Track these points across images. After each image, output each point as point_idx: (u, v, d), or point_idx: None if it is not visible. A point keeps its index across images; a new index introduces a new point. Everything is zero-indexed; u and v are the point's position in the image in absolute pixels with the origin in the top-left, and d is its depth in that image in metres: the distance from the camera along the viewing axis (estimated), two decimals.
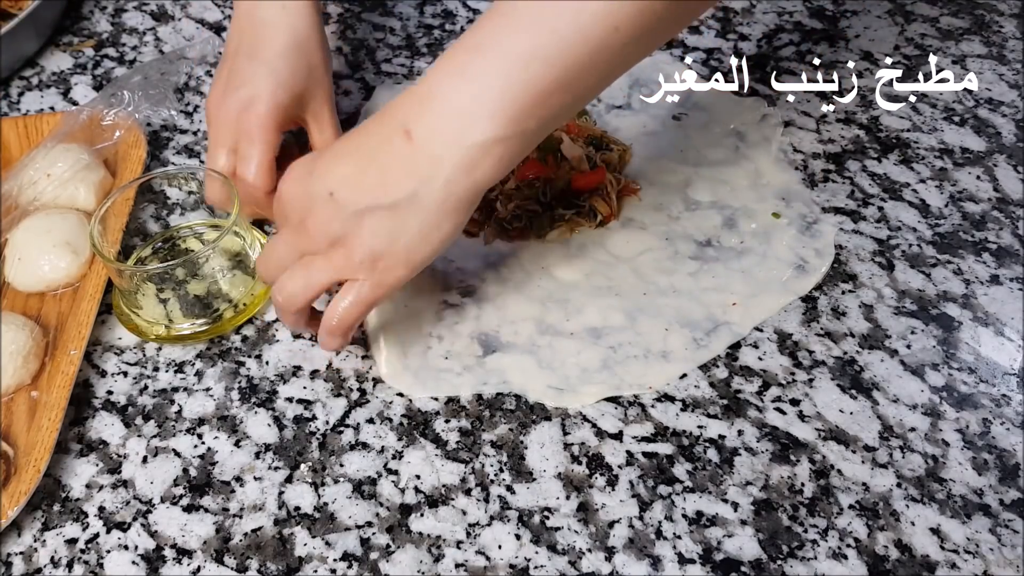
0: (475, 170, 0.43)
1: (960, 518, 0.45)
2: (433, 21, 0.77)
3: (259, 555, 0.44)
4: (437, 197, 0.44)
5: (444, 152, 0.43)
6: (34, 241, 0.55)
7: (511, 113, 0.42)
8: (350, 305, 0.46)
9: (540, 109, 0.42)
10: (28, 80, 0.73)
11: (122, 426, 0.50)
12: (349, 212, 0.44)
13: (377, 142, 0.45)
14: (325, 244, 0.45)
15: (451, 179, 0.43)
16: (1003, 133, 0.66)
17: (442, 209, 0.44)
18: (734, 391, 0.51)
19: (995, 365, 0.52)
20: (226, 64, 0.58)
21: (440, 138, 0.43)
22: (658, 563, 0.44)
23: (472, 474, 0.47)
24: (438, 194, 0.43)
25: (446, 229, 0.45)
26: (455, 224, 0.45)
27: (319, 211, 0.45)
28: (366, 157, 0.45)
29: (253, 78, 0.56)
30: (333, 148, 0.47)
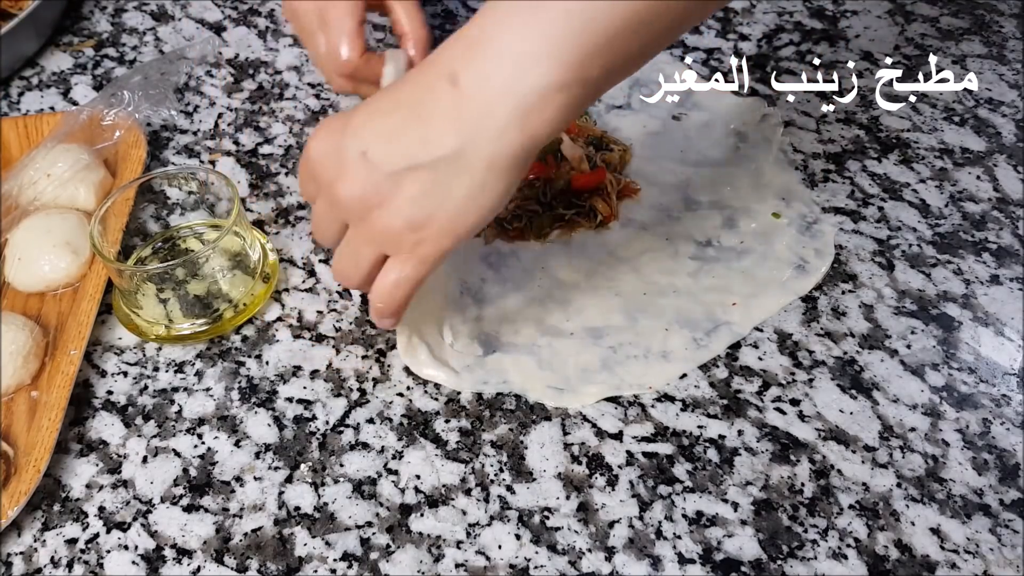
0: (531, 121, 0.38)
1: (960, 518, 0.45)
2: (433, 21, 0.77)
3: (259, 555, 0.44)
4: (486, 153, 0.39)
5: (496, 100, 0.38)
6: (34, 241, 0.55)
7: (574, 56, 0.37)
8: (393, 285, 0.42)
9: (605, 54, 0.38)
10: (28, 80, 0.73)
11: (122, 426, 0.50)
12: (384, 174, 0.39)
13: (419, 92, 0.40)
14: (361, 212, 0.41)
15: (503, 132, 0.38)
16: (1003, 133, 0.66)
17: (491, 167, 0.39)
18: (734, 391, 0.51)
19: (995, 365, 0.52)
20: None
21: (492, 84, 0.38)
22: (658, 563, 0.44)
23: (472, 474, 0.47)
24: (487, 149, 0.38)
25: (496, 192, 0.40)
26: (506, 186, 0.40)
27: (350, 173, 0.40)
28: (406, 109, 0.40)
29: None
30: (370, 101, 0.42)
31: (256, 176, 0.64)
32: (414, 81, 0.40)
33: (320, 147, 0.42)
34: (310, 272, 0.57)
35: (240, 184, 0.63)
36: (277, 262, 0.57)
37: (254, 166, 0.64)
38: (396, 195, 0.40)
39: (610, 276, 0.56)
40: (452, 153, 0.39)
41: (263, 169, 0.64)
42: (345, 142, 0.40)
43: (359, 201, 0.40)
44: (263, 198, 0.62)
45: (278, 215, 0.61)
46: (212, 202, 0.58)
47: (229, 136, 0.67)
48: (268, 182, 0.63)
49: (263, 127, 0.67)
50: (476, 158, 0.39)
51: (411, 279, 0.42)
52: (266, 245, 0.57)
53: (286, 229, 0.60)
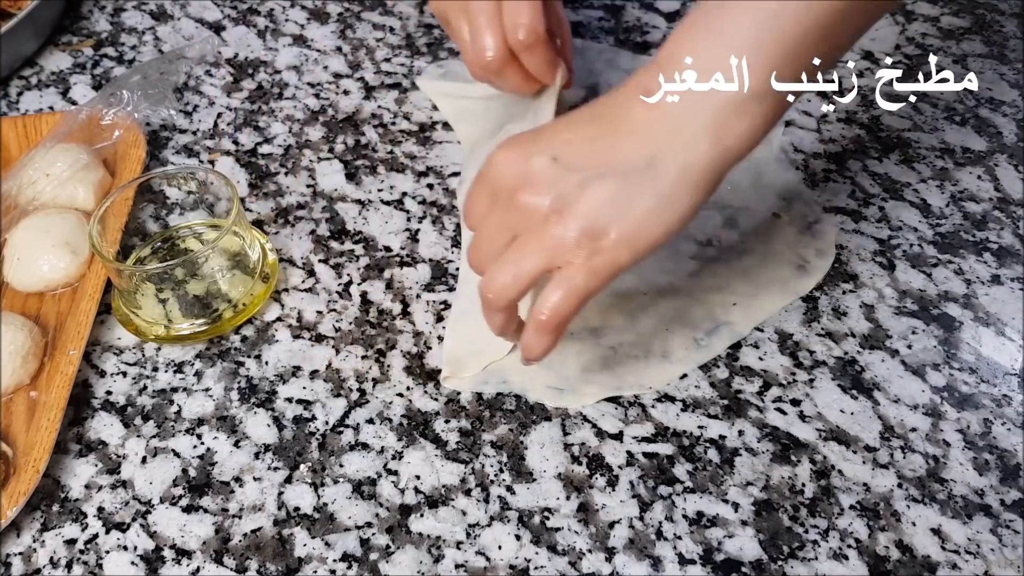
0: (725, 135, 0.39)
1: (961, 518, 0.45)
2: (433, 21, 0.76)
3: (259, 556, 0.44)
4: (677, 165, 0.38)
5: (689, 113, 0.38)
6: (33, 241, 0.55)
7: (764, 67, 0.38)
8: (562, 298, 0.40)
9: (794, 63, 0.39)
10: (27, 80, 0.73)
11: (121, 426, 0.50)
12: (572, 178, 0.39)
13: (614, 107, 0.40)
14: (539, 218, 0.39)
15: (696, 143, 0.38)
16: (1004, 133, 0.66)
17: (681, 180, 0.39)
18: (734, 391, 0.50)
19: (996, 365, 0.52)
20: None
21: (685, 99, 0.39)
22: (658, 564, 0.44)
23: (472, 474, 0.47)
24: (679, 162, 0.38)
25: (681, 207, 0.39)
26: (693, 203, 0.39)
27: (536, 178, 0.39)
28: (600, 122, 0.40)
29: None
30: (561, 118, 0.42)
31: (255, 176, 0.64)
32: (609, 98, 0.41)
33: (506, 158, 0.41)
34: (310, 272, 0.57)
35: (239, 184, 0.63)
36: (276, 262, 0.57)
37: (253, 166, 0.64)
38: (580, 201, 0.39)
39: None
40: (643, 163, 0.38)
41: (262, 169, 0.64)
42: (534, 150, 0.40)
43: (540, 207, 0.39)
44: (262, 198, 0.62)
45: (278, 215, 0.61)
46: (211, 202, 0.58)
47: (228, 136, 0.67)
48: (267, 182, 0.63)
49: (262, 127, 0.67)
50: (667, 169, 0.38)
51: (581, 291, 0.40)
52: (265, 245, 0.57)
53: (286, 229, 0.60)
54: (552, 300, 0.40)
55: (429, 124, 0.67)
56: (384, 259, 0.58)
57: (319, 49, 0.74)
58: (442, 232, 0.59)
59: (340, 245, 0.59)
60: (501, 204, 0.41)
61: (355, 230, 0.60)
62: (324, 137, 0.66)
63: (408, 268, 0.57)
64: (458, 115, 0.67)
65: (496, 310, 0.42)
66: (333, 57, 0.73)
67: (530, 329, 0.42)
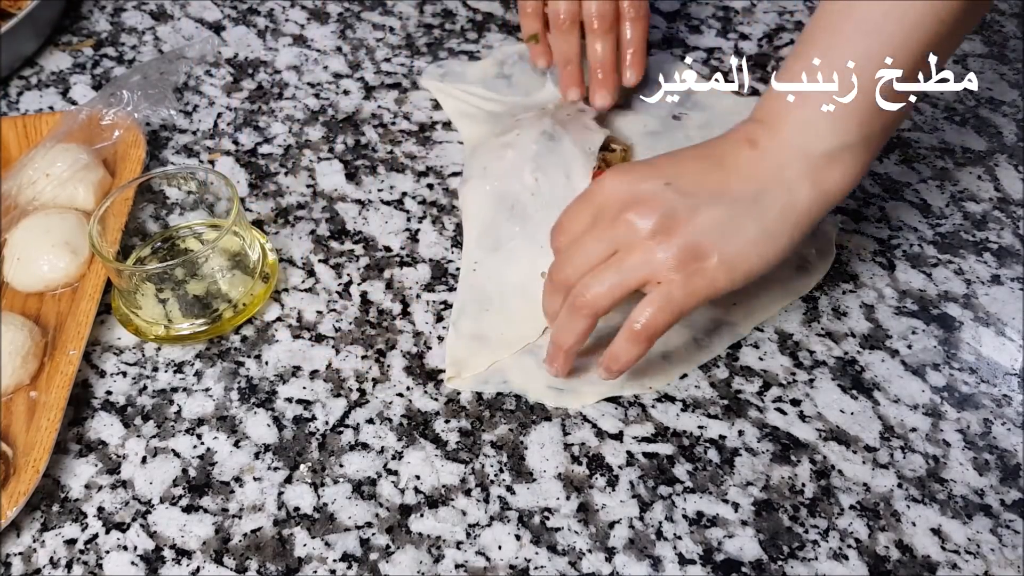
0: (822, 180, 0.43)
1: (961, 518, 0.45)
2: (433, 21, 0.76)
3: (259, 556, 0.44)
4: (781, 203, 0.43)
5: (790, 162, 0.43)
6: (33, 241, 0.55)
7: (855, 119, 0.43)
8: (658, 311, 0.43)
9: (881, 116, 0.43)
10: (27, 80, 0.73)
11: (121, 426, 0.50)
12: (684, 201, 0.42)
13: (721, 151, 0.44)
14: (645, 235, 0.42)
15: (796, 186, 0.43)
16: (1004, 133, 0.66)
17: (783, 217, 0.43)
18: (734, 391, 0.50)
19: (996, 365, 0.52)
20: None
21: (786, 149, 0.43)
22: (658, 564, 0.44)
23: (472, 474, 0.47)
24: (781, 200, 0.43)
25: (782, 243, 0.43)
26: (792, 241, 0.43)
27: (648, 199, 0.43)
28: (708, 161, 0.44)
29: None
30: (668, 154, 0.46)
31: (255, 176, 0.64)
32: (716, 144, 0.45)
33: (617, 180, 0.45)
34: (309, 272, 0.57)
35: (239, 184, 0.63)
36: (276, 262, 0.57)
37: (253, 166, 0.64)
38: (690, 221, 0.42)
39: None
40: (751, 196, 0.42)
41: (262, 169, 0.64)
42: (647, 176, 0.44)
43: (648, 225, 0.42)
44: (262, 198, 0.62)
45: (277, 215, 0.61)
46: (211, 202, 0.58)
47: (228, 136, 0.67)
48: (267, 182, 0.63)
49: (262, 127, 0.67)
50: (770, 206, 0.43)
51: (677, 307, 0.43)
52: (265, 245, 0.57)
53: (285, 229, 0.60)
54: (648, 312, 0.43)
55: (429, 124, 0.67)
56: (384, 259, 0.58)
57: (319, 49, 0.74)
58: (442, 232, 0.59)
59: (340, 245, 0.59)
60: (606, 221, 0.44)
61: (355, 230, 0.60)
62: (324, 137, 0.66)
63: (408, 268, 0.57)
64: (461, 115, 0.67)
65: (585, 317, 0.44)
66: (333, 57, 0.73)
67: (621, 339, 0.44)
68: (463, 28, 0.75)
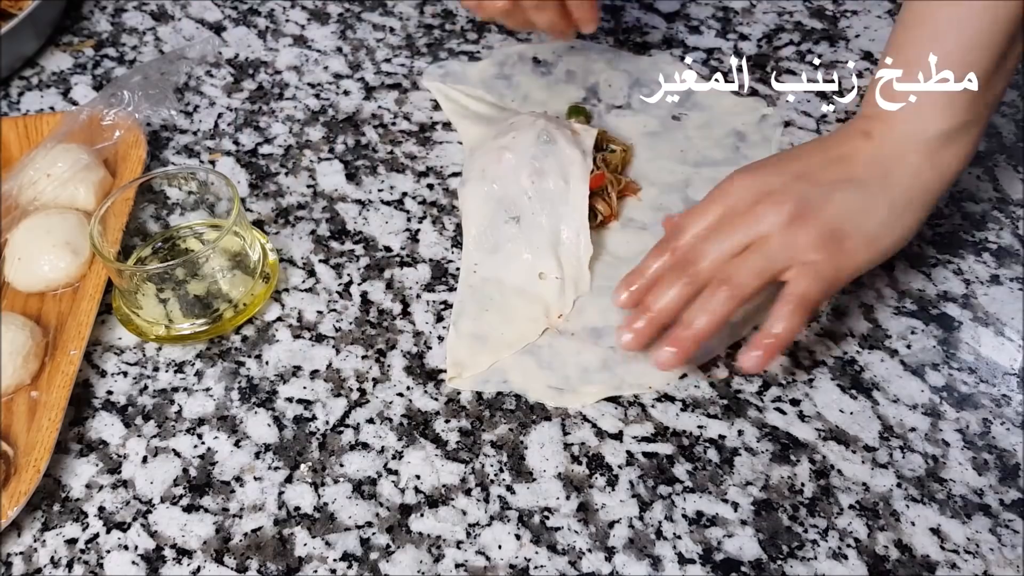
0: (940, 160, 0.46)
1: (960, 518, 0.45)
2: (433, 21, 0.77)
3: (259, 555, 0.44)
4: (905, 187, 0.45)
5: (906, 147, 0.46)
6: (34, 241, 0.55)
7: (961, 102, 0.45)
8: (812, 282, 0.44)
9: (985, 92, 0.46)
10: (28, 80, 0.73)
11: (122, 426, 0.50)
12: (816, 190, 0.44)
13: (839, 145, 0.47)
14: (783, 221, 0.45)
15: (918, 171, 0.45)
16: (1003, 133, 0.66)
17: (909, 196, 0.45)
18: (734, 391, 0.51)
19: (995, 365, 0.52)
20: None
21: (900, 136, 0.46)
22: (658, 563, 0.44)
23: (472, 474, 0.47)
24: (905, 184, 0.45)
25: (909, 223, 0.46)
26: (918, 219, 0.46)
27: (781, 190, 0.45)
28: (828, 153, 0.46)
29: None
30: (785, 151, 0.49)
31: (256, 176, 0.64)
32: (831, 140, 0.47)
33: (742, 179, 0.47)
34: (310, 272, 0.57)
35: (240, 184, 0.63)
36: (277, 262, 0.57)
37: (254, 166, 0.65)
38: (824, 207, 0.44)
39: (610, 276, 0.56)
40: (879, 177, 0.45)
41: (263, 169, 0.64)
42: (774, 171, 0.46)
43: (782, 213, 0.44)
44: (263, 198, 0.62)
45: (278, 215, 0.61)
46: (212, 202, 0.58)
47: (229, 136, 0.67)
48: (268, 182, 0.63)
49: (263, 127, 0.67)
50: (897, 190, 0.45)
51: (827, 282, 0.45)
52: (266, 245, 0.57)
53: (286, 229, 0.60)
54: (803, 284, 0.44)
55: (429, 124, 0.67)
56: (384, 259, 0.58)
57: (319, 49, 0.74)
58: (442, 232, 0.59)
59: (340, 245, 0.59)
60: (739, 215, 0.46)
61: (355, 230, 0.60)
62: (324, 137, 0.66)
63: (408, 268, 0.57)
64: (461, 116, 0.67)
65: (732, 300, 0.45)
66: (333, 57, 0.73)
67: (782, 310, 0.45)
68: (463, 28, 0.76)
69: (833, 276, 0.45)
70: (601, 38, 0.74)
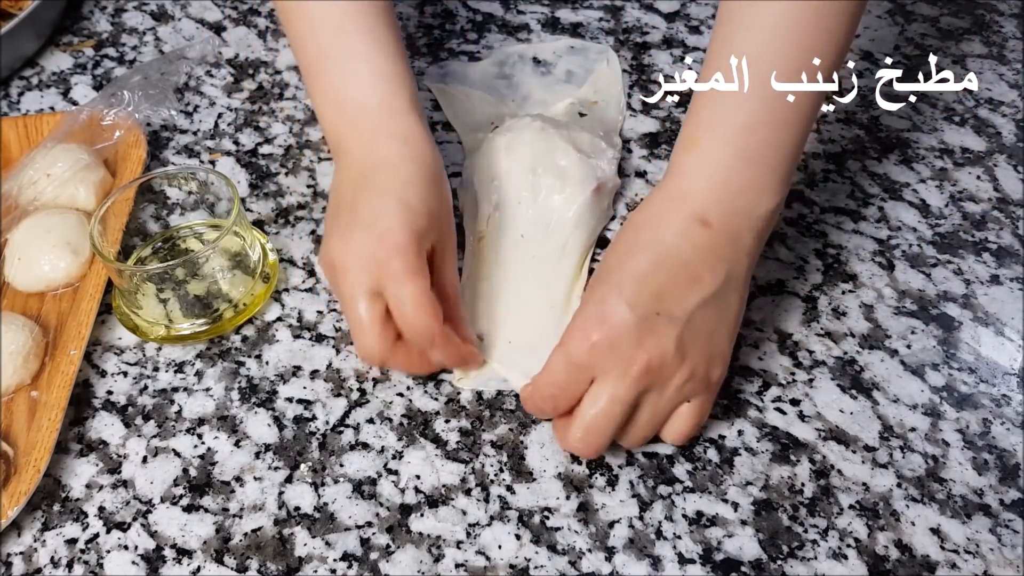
0: (765, 235, 0.46)
1: (960, 518, 0.45)
2: (433, 21, 0.77)
3: (259, 555, 0.44)
4: (742, 270, 0.45)
5: (743, 227, 0.44)
6: (34, 241, 0.55)
7: (783, 177, 0.45)
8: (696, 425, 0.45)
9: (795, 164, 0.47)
10: (28, 80, 0.73)
11: (122, 426, 0.50)
12: (682, 320, 0.42)
13: (674, 241, 0.44)
14: (668, 371, 0.43)
15: (752, 250, 0.45)
16: (1003, 133, 0.66)
17: (745, 282, 0.45)
18: (734, 391, 0.51)
19: (995, 365, 0.52)
20: (342, 209, 0.49)
21: (737, 216, 0.44)
22: (658, 563, 0.44)
23: (472, 474, 0.47)
24: (742, 266, 0.45)
25: (744, 302, 0.46)
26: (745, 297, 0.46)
27: (651, 339, 0.42)
28: (668, 261, 0.44)
29: (383, 211, 0.46)
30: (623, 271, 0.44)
31: (256, 176, 0.64)
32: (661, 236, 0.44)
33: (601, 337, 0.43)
34: (310, 272, 0.57)
35: (240, 184, 0.63)
36: (277, 262, 0.57)
37: (254, 166, 0.65)
38: (698, 338, 0.43)
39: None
40: (724, 280, 0.44)
41: (263, 169, 0.64)
42: (627, 314, 0.42)
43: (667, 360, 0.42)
44: (263, 198, 0.62)
45: (278, 215, 0.61)
46: (212, 202, 0.58)
47: (229, 136, 0.67)
48: (268, 182, 0.63)
49: (263, 127, 0.67)
50: (738, 278, 0.45)
51: (707, 410, 0.46)
52: (266, 245, 0.57)
53: (286, 229, 0.60)
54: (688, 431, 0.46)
55: (429, 124, 0.67)
56: None
57: None
58: None
59: None
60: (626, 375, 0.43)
61: None
62: (324, 137, 0.66)
63: None
64: (461, 116, 0.67)
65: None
66: None
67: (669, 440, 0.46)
68: (463, 28, 0.76)
69: (710, 402, 0.46)
70: (601, 38, 0.74)
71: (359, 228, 0.46)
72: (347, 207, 0.48)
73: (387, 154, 0.49)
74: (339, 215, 0.49)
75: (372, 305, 0.46)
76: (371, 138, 0.50)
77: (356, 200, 0.48)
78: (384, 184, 0.48)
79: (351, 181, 0.50)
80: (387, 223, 0.46)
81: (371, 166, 0.49)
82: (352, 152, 0.51)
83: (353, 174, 0.50)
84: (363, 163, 0.50)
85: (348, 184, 0.50)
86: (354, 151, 0.51)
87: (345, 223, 0.48)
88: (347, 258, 0.46)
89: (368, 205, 0.47)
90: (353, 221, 0.47)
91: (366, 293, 0.46)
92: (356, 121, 0.51)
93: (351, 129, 0.51)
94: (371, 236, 0.46)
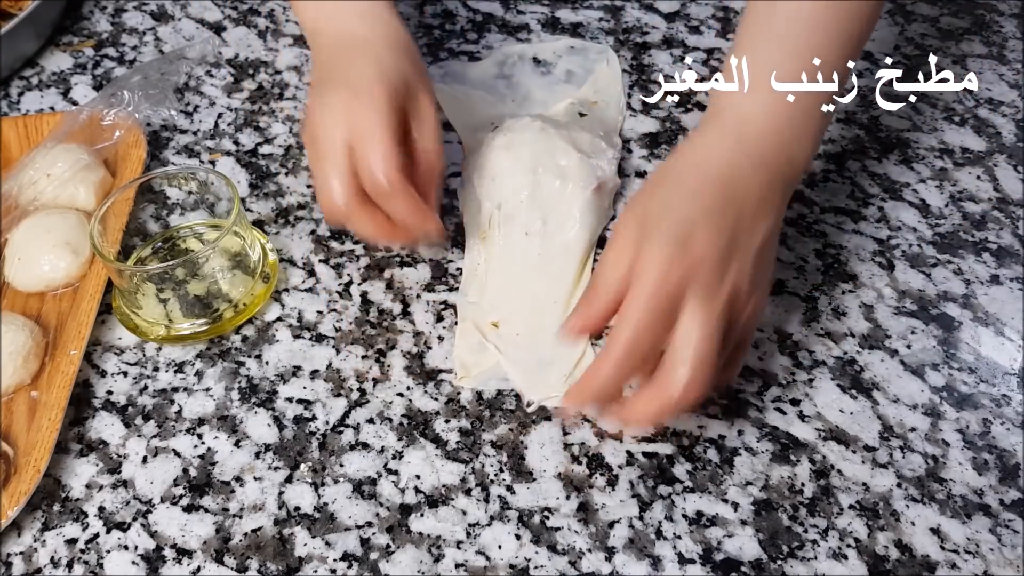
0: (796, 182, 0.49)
1: (960, 518, 0.45)
2: (433, 21, 0.77)
3: (259, 555, 0.44)
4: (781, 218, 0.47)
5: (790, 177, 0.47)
6: (34, 241, 0.55)
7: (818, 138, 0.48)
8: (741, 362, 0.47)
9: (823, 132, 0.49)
10: (28, 80, 0.73)
11: (122, 426, 0.50)
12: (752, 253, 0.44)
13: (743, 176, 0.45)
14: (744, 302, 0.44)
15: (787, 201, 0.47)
16: (1003, 133, 0.66)
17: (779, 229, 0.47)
18: (734, 391, 0.51)
19: (995, 365, 0.52)
20: (320, 84, 0.52)
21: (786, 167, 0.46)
22: (658, 563, 0.44)
23: (472, 474, 0.47)
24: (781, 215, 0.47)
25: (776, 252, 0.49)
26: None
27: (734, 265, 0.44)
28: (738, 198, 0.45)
29: (359, 73, 0.49)
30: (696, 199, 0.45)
31: (256, 176, 0.64)
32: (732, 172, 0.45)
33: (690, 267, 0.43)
34: (310, 272, 0.57)
35: (240, 184, 0.63)
36: (277, 262, 0.57)
37: (254, 166, 0.65)
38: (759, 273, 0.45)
39: None
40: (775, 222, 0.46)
41: (263, 169, 0.64)
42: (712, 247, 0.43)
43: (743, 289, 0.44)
44: (263, 198, 0.62)
45: (278, 215, 0.61)
46: (212, 202, 0.58)
47: (229, 136, 0.67)
48: (268, 182, 0.63)
49: (263, 127, 0.67)
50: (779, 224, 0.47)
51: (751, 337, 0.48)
52: (266, 245, 0.57)
53: (286, 229, 0.60)
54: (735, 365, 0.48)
55: None
56: (384, 259, 0.58)
57: None
58: None
59: (340, 245, 0.59)
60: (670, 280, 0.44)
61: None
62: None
63: (408, 268, 0.57)
64: (461, 116, 0.67)
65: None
66: None
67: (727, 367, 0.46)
68: (463, 28, 0.76)
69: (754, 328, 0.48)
70: (601, 38, 0.74)
71: (337, 89, 0.50)
72: (325, 81, 0.52)
73: (362, 32, 0.53)
74: (318, 89, 0.52)
75: (341, 158, 0.47)
76: (346, 20, 0.54)
77: (333, 73, 0.52)
78: (359, 54, 0.51)
79: (328, 60, 0.54)
80: (362, 81, 0.49)
81: (345, 45, 0.53)
82: (328, 34, 0.55)
83: (331, 53, 0.54)
84: (338, 43, 0.53)
85: (326, 64, 0.54)
86: (330, 32, 0.54)
87: (324, 91, 0.51)
88: (324, 114, 0.49)
89: (344, 74, 0.51)
90: (332, 86, 0.50)
91: (337, 146, 0.48)
92: (332, 13, 0.54)
93: (327, 20, 0.55)
94: (347, 91, 0.49)
